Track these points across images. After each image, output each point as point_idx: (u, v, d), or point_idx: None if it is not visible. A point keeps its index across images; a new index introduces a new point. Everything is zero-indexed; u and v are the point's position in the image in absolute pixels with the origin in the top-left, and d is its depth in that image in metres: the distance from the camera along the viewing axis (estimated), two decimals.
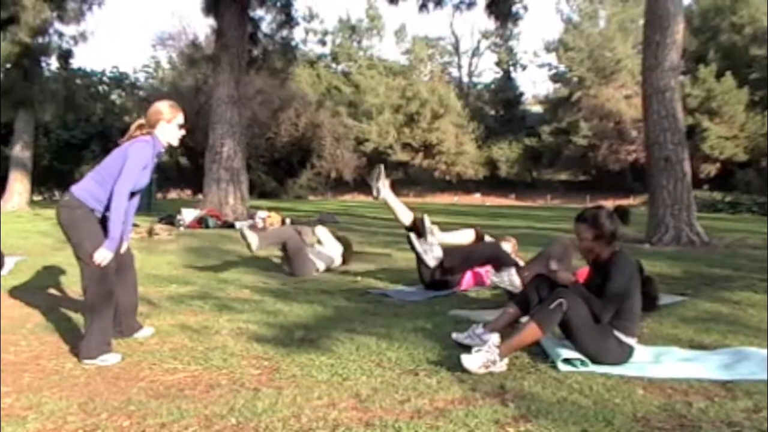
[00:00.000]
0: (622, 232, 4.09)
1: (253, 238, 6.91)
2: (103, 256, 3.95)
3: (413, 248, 6.29)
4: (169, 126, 4.27)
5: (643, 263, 4.41)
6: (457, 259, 6.19)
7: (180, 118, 4.33)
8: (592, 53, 43.42)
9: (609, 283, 3.78)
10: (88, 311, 4.11)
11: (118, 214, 3.99)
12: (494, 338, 3.93)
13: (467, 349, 3.94)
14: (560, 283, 4.01)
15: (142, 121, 4.32)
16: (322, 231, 8.02)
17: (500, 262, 5.95)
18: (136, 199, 4.39)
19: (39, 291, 6.11)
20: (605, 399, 3.28)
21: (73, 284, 6.46)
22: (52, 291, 6.10)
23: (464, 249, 6.44)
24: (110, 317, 4.16)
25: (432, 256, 6.22)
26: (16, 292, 6.03)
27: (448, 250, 6.33)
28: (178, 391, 3.43)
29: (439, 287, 6.24)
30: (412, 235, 6.28)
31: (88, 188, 4.11)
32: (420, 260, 6.31)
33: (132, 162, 4.05)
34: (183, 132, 4.38)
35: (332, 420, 3.00)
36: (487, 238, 6.87)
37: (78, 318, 5.02)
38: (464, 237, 6.74)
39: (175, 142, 4.37)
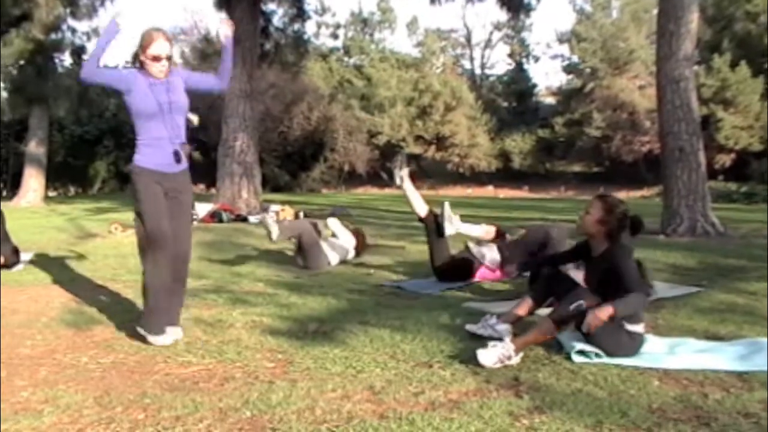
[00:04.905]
0: (625, 237, 4.05)
1: (274, 227, 6.95)
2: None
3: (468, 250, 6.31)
4: (143, 57, 4.14)
5: (658, 254, 4.38)
6: (516, 254, 6.14)
7: (155, 47, 4.12)
8: (605, 44, 43.06)
9: (624, 275, 3.75)
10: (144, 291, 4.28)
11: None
12: (507, 332, 3.94)
13: (481, 340, 3.94)
14: (591, 324, 3.65)
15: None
16: (334, 223, 7.99)
17: (550, 248, 5.89)
18: (154, 123, 4.20)
19: (54, 286, 6.15)
20: (620, 390, 3.27)
21: (87, 278, 6.50)
22: (67, 286, 6.13)
23: (520, 243, 6.37)
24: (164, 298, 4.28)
25: (490, 258, 6.25)
26: (31, 287, 6.07)
27: (508, 247, 6.31)
28: (193, 384, 3.44)
29: (452, 279, 6.24)
30: (471, 244, 6.29)
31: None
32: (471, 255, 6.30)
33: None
34: (160, 65, 4.14)
35: (346, 412, 3.00)
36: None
37: (92, 311, 5.05)
38: (484, 231, 6.65)
39: (157, 75, 4.16)
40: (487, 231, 6.62)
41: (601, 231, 3.96)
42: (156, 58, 4.13)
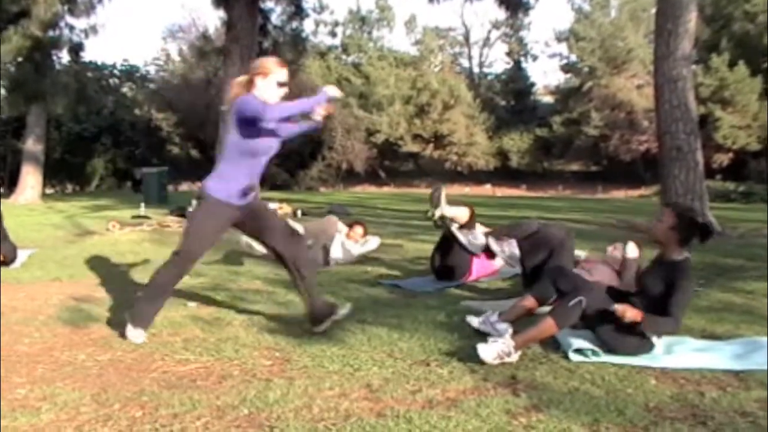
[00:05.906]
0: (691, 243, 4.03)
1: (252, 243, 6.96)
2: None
3: (457, 240, 6.08)
4: (265, 81, 4.07)
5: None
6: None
7: (281, 74, 4.08)
8: (603, 43, 43.07)
9: (678, 294, 3.73)
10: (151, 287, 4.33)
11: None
12: (507, 330, 3.93)
13: (479, 337, 3.94)
14: (623, 318, 3.65)
15: (242, 78, 4.20)
16: (375, 240, 7.93)
17: (540, 240, 5.81)
18: (258, 162, 4.19)
19: (52, 283, 6.14)
20: (617, 389, 3.27)
21: (85, 276, 6.50)
22: (65, 283, 6.13)
23: (510, 228, 6.20)
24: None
25: (477, 246, 6.01)
26: (29, 285, 6.07)
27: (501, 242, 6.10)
28: (191, 381, 3.44)
29: (449, 276, 6.22)
30: (455, 229, 6.10)
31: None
32: (464, 249, 6.09)
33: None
34: (284, 90, 4.11)
35: (344, 410, 3.01)
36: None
37: (90, 309, 5.05)
38: (462, 212, 6.46)
39: (273, 100, 4.07)
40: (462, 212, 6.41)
41: (673, 238, 3.91)
42: (282, 85, 4.12)
